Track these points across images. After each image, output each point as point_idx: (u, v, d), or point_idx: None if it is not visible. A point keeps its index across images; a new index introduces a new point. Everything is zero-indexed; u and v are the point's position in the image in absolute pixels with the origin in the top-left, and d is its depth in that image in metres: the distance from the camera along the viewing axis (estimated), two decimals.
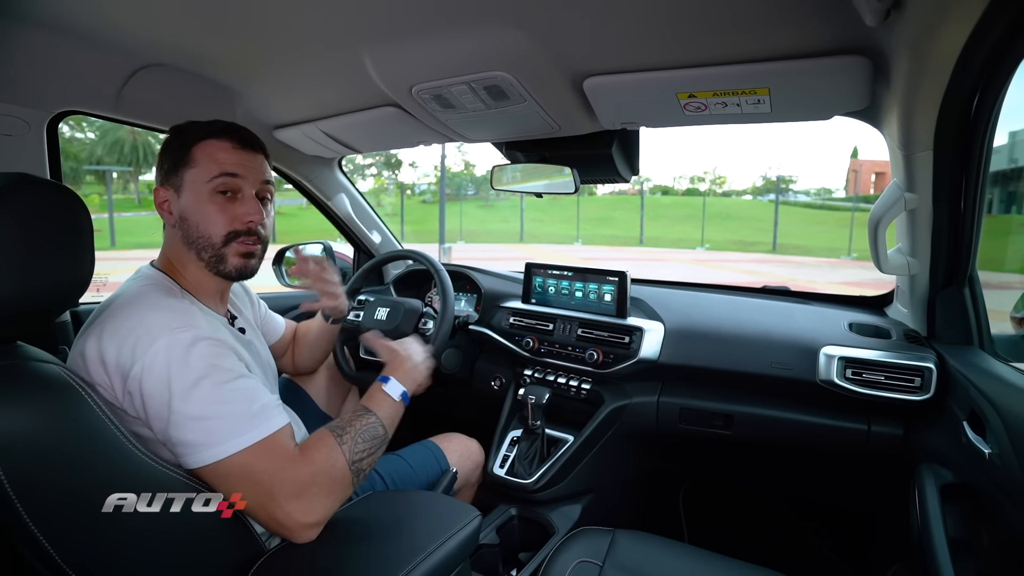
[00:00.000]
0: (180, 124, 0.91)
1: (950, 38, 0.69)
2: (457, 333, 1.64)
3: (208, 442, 0.74)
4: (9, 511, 0.61)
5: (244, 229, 0.89)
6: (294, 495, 0.75)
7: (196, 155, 0.88)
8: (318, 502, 0.77)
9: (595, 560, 1.02)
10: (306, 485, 0.77)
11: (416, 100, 1.15)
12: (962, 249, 1.04)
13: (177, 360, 0.74)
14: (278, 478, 0.75)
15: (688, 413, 1.39)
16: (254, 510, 0.76)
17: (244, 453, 0.74)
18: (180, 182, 0.88)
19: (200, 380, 0.74)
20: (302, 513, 0.76)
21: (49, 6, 0.90)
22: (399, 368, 0.99)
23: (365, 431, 0.85)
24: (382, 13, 0.87)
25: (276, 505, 0.75)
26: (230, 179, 0.88)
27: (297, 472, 0.76)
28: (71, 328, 1.23)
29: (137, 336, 0.75)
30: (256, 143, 0.94)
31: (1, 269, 0.62)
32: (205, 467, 0.74)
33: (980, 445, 0.85)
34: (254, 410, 0.77)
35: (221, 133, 0.89)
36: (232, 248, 0.89)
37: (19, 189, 0.65)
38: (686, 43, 0.88)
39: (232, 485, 0.75)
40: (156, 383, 0.73)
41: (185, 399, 0.73)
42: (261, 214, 0.91)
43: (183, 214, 0.88)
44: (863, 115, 1.05)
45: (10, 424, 0.60)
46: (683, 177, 56.84)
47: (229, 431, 0.74)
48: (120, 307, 0.79)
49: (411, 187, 33.45)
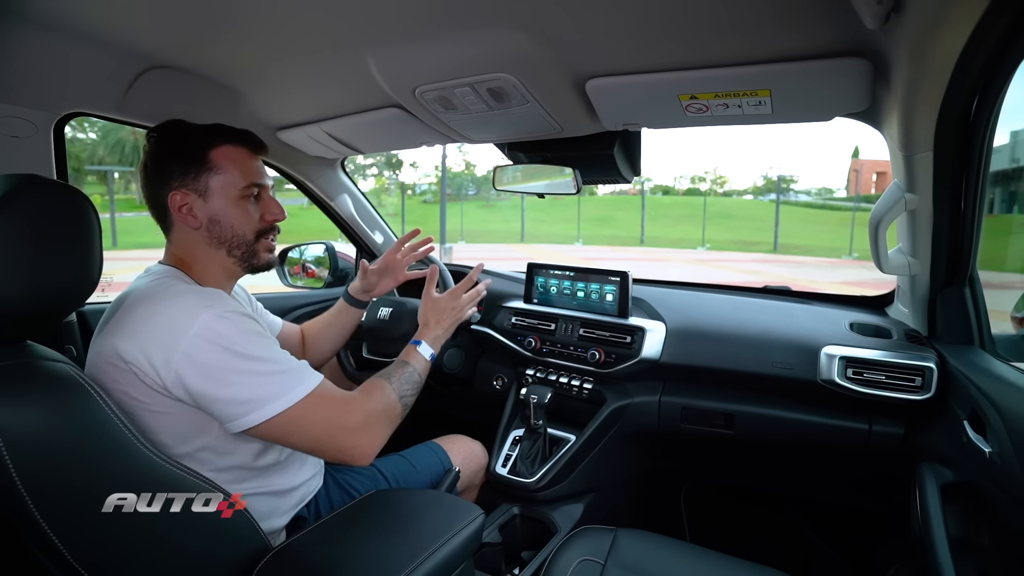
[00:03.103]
0: (179, 126, 0.94)
1: (950, 40, 0.69)
2: (459, 333, 1.65)
3: (274, 394, 0.81)
4: (20, 508, 0.61)
5: (269, 226, 1.00)
6: (362, 426, 0.89)
7: (218, 161, 0.92)
8: (379, 430, 0.92)
9: (597, 559, 1.02)
10: (370, 416, 0.91)
11: (419, 101, 1.15)
12: (962, 249, 1.05)
13: (225, 328, 0.80)
14: (344, 414, 0.88)
15: (690, 413, 1.39)
16: (323, 445, 0.87)
17: (310, 398, 0.84)
18: (205, 187, 0.92)
19: (247, 345, 0.81)
20: (368, 441, 0.90)
21: (56, 9, 0.91)
22: (429, 335, 1.16)
23: (407, 376, 1.04)
24: (386, 15, 0.88)
25: (345, 437, 0.87)
26: (258, 187, 0.97)
27: (360, 407, 0.90)
28: (77, 328, 1.24)
29: (173, 317, 0.79)
30: (263, 148, 1.00)
31: (12, 269, 0.63)
32: (276, 417, 0.80)
33: (981, 444, 0.85)
34: (302, 365, 0.88)
35: (237, 140, 0.95)
36: (262, 244, 0.99)
37: (29, 190, 0.66)
38: (688, 45, 0.89)
39: (302, 428, 0.84)
40: (209, 353, 0.78)
41: (245, 359, 0.80)
42: (284, 211, 1.02)
43: (214, 217, 0.93)
44: (864, 116, 1.05)
45: (21, 422, 0.61)
46: (684, 177, 56.94)
47: (291, 382, 0.83)
48: (144, 300, 0.83)
49: (412, 187, 33.49)
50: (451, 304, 1.21)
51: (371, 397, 0.94)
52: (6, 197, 0.63)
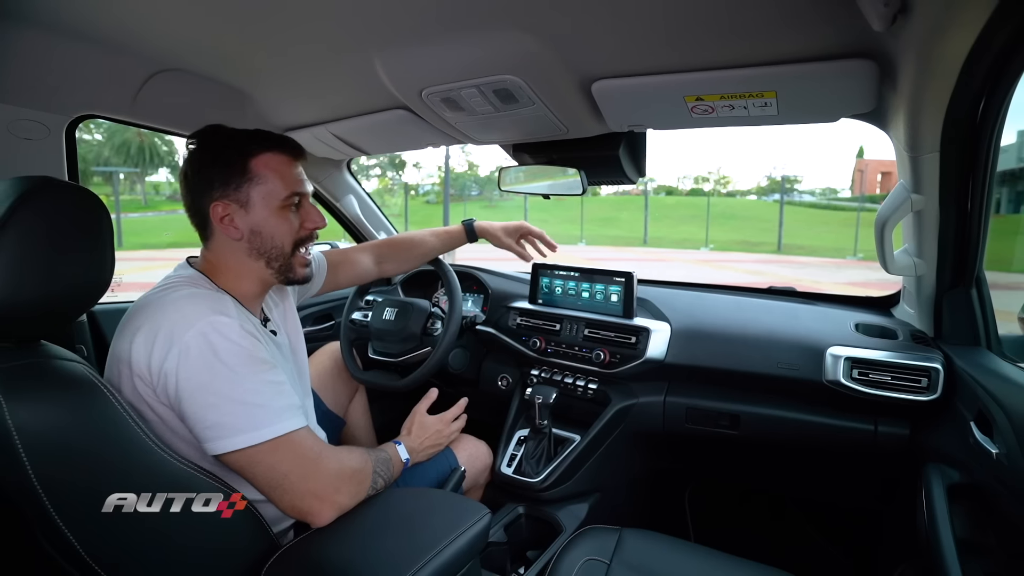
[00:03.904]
0: (218, 132, 0.93)
1: (957, 42, 0.70)
2: (464, 333, 1.65)
3: (241, 427, 0.78)
4: (37, 506, 0.62)
5: (308, 235, 0.99)
6: (330, 488, 0.84)
7: (258, 170, 0.91)
8: (345, 492, 0.87)
9: (603, 558, 1.02)
10: (342, 472, 0.87)
11: (425, 103, 1.16)
12: (969, 250, 1.05)
13: (215, 344, 0.78)
14: (312, 472, 0.83)
15: (694, 413, 1.39)
16: (281, 496, 0.82)
17: (279, 442, 0.80)
18: (246, 198, 0.91)
19: (239, 365, 0.79)
20: (328, 508, 0.84)
21: (69, 13, 0.92)
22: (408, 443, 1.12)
23: (383, 459, 0.99)
24: (393, 17, 0.89)
25: (305, 496, 0.82)
26: (300, 196, 0.95)
27: (333, 460, 0.86)
28: (87, 328, 1.25)
29: (173, 322, 0.79)
30: (303, 154, 0.99)
31: (28, 269, 0.64)
32: (237, 452, 0.78)
33: (988, 445, 0.85)
34: (283, 404, 0.83)
35: (277, 147, 0.93)
36: (297, 258, 0.98)
37: (44, 191, 0.67)
38: (694, 47, 0.89)
39: (263, 471, 0.80)
40: (194, 366, 0.76)
41: (227, 380, 0.78)
42: (323, 219, 1.00)
43: (255, 228, 0.92)
44: (870, 117, 1.05)
45: (37, 421, 0.62)
46: (687, 177, 56.87)
47: (264, 419, 0.79)
48: (155, 301, 0.83)
49: (415, 188, 33.53)
50: (435, 428, 1.18)
51: (350, 456, 0.91)
52: (22, 199, 0.64)
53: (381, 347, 1.61)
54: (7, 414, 0.60)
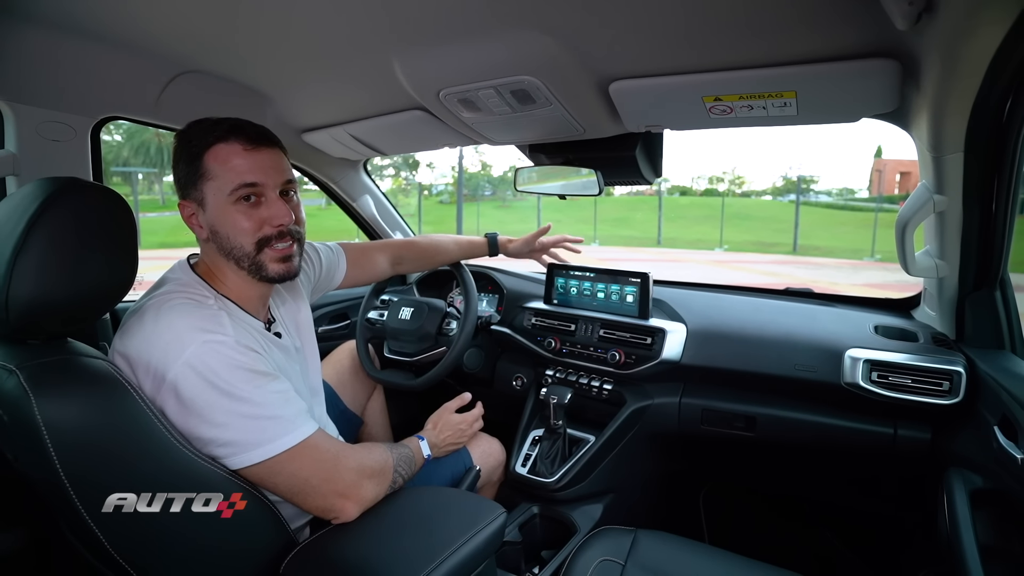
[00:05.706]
0: (185, 129, 0.88)
1: (983, 41, 0.68)
2: (479, 333, 1.66)
3: (257, 440, 0.77)
4: (65, 502, 0.64)
5: (274, 233, 0.88)
6: (352, 485, 0.86)
7: (209, 165, 0.84)
8: (369, 489, 0.88)
9: (617, 559, 1.02)
10: (363, 470, 0.88)
11: (443, 104, 1.17)
12: (993, 251, 1.03)
13: (207, 371, 0.75)
14: (335, 471, 0.84)
15: (710, 414, 1.38)
16: (307, 499, 0.83)
17: (298, 449, 0.80)
18: (201, 195, 0.85)
19: (239, 384, 0.77)
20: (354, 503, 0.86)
21: (95, 18, 0.94)
22: (430, 436, 1.15)
23: (405, 455, 1.00)
24: (412, 19, 0.89)
25: (330, 495, 0.84)
26: (249, 188, 0.85)
27: (354, 459, 0.87)
28: (110, 325, 1.27)
29: (167, 342, 0.76)
30: (265, 138, 0.89)
31: (57, 267, 0.66)
32: (257, 464, 0.78)
33: (1012, 451, 0.84)
34: (293, 412, 0.82)
35: (228, 135, 0.85)
36: (267, 255, 0.88)
37: (72, 192, 0.69)
38: (713, 47, 0.88)
39: (285, 479, 0.80)
40: (194, 388, 0.75)
41: (230, 398, 0.76)
42: (289, 215, 0.88)
43: (213, 227, 0.86)
44: (891, 117, 1.04)
45: (65, 417, 0.63)
46: (702, 177, 56.35)
47: (277, 429, 0.79)
48: (150, 311, 0.80)
49: (428, 188, 33.64)
50: (458, 426, 1.21)
51: (370, 452, 0.92)
52: (51, 199, 0.66)
53: (397, 346, 1.62)
54: (36, 410, 0.61)
